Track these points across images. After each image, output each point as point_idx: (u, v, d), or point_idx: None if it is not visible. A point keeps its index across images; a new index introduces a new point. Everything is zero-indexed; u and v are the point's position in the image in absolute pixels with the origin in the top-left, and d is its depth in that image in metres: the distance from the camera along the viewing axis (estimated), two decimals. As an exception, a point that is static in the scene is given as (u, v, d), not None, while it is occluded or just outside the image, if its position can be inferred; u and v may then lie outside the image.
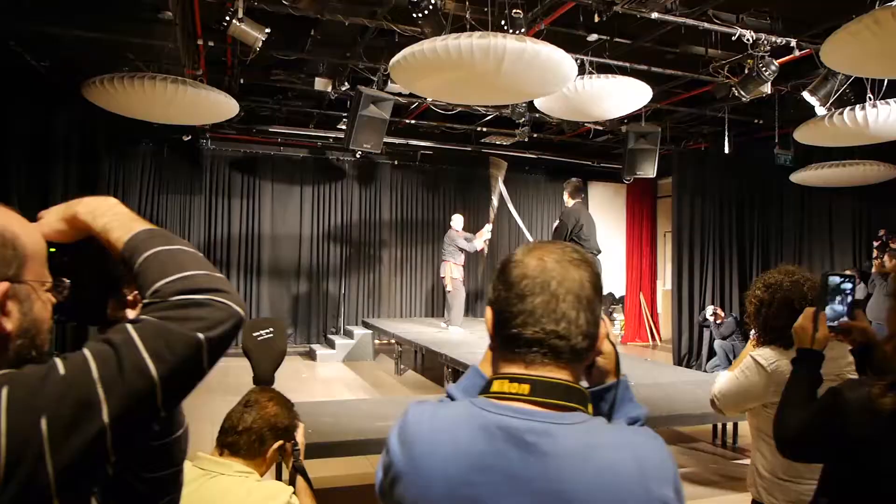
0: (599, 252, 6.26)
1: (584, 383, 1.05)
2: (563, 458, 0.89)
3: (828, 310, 1.71)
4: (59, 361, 0.73)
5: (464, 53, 3.54)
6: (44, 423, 0.68)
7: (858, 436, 1.40)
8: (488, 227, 9.01)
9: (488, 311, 1.03)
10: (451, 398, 1.07)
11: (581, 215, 6.45)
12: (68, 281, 0.90)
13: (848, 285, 1.73)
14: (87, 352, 0.74)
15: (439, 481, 0.92)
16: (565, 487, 0.88)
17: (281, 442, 2.05)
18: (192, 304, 0.79)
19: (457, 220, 9.32)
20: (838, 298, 1.71)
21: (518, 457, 0.90)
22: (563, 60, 3.87)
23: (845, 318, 1.72)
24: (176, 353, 0.76)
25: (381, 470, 1.00)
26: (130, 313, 0.93)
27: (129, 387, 0.72)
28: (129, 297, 0.94)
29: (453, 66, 3.72)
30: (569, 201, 6.63)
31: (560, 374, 0.96)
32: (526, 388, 0.94)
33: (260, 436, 2.00)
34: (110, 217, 0.90)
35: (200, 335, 0.78)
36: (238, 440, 1.96)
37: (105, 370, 0.72)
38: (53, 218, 0.92)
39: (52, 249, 0.89)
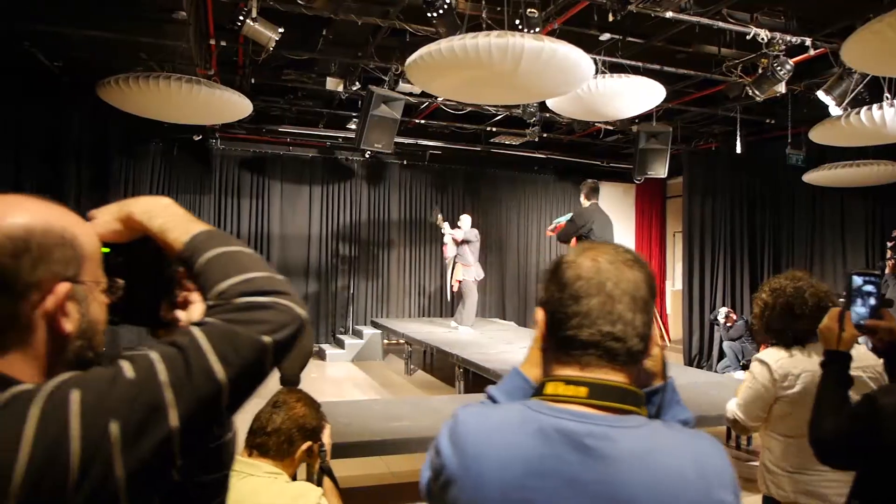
0: None
1: None
2: (623, 461, 0.88)
3: (853, 310, 1.69)
4: (125, 364, 0.72)
5: (482, 53, 3.52)
6: (114, 427, 0.67)
7: (893, 442, 1.39)
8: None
9: (539, 313, 1.02)
10: (493, 400, 1.06)
11: (594, 217, 6.38)
12: (122, 281, 0.89)
13: (872, 285, 1.70)
14: (153, 354, 0.73)
15: (494, 485, 0.90)
16: (625, 491, 0.87)
17: (309, 443, 2.06)
18: (256, 306, 0.79)
19: (465, 221, 9.31)
20: (863, 298, 1.69)
21: (577, 460, 0.89)
22: (580, 60, 3.85)
23: (870, 318, 1.69)
24: (242, 356, 0.75)
25: (430, 471, 0.99)
26: (181, 314, 0.92)
27: (197, 390, 0.71)
28: (179, 299, 0.93)
29: (471, 66, 3.71)
30: (584, 202, 6.57)
31: (616, 377, 0.95)
32: (583, 390, 0.93)
33: (289, 437, 2.01)
34: (167, 217, 0.89)
35: (266, 338, 0.77)
36: (267, 441, 1.97)
37: (173, 373, 0.71)
38: (108, 217, 0.91)
39: (107, 250, 0.88)
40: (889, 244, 7.29)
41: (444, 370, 8.28)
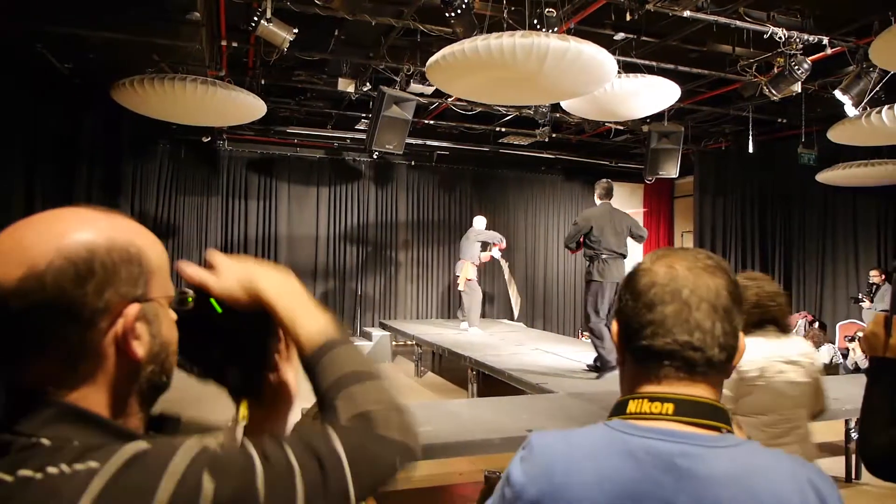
0: (618, 255, 6.00)
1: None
2: (721, 483, 0.83)
3: None
4: (258, 461, 0.67)
5: (506, 53, 3.48)
6: None
7: None
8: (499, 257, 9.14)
9: (615, 324, 0.98)
10: None
11: (594, 219, 6.17)
12: (191, 291, 0.83)
13: None
14: (291, 457, 0.69)
15: None
16: None
17: None
18: (388, 429, 0.79)
19: (479, 222, 9.28)
20: None
21: (670, 482, 0.84)
22: (605, 60, 3.81)
23: None
24: (375, 478, 0.74)
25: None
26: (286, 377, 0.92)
27: None
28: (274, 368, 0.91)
29: (494, 66, 3.66)
30: (596, 201, 6.43)
31: (699, 391, 0.90)
32: (670, 407, 0.88)
33: None
34: (295, 303, 0.85)
35: (398, 464, 0.77)
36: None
37: (310, 486, 0.68)
38: (233, 283, 0.84)
39: (219, 309, 0.84)
40: None
41: (454, 372, 8.24)
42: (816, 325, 8.73)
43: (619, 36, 5.78)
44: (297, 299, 0.86)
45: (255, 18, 4.88)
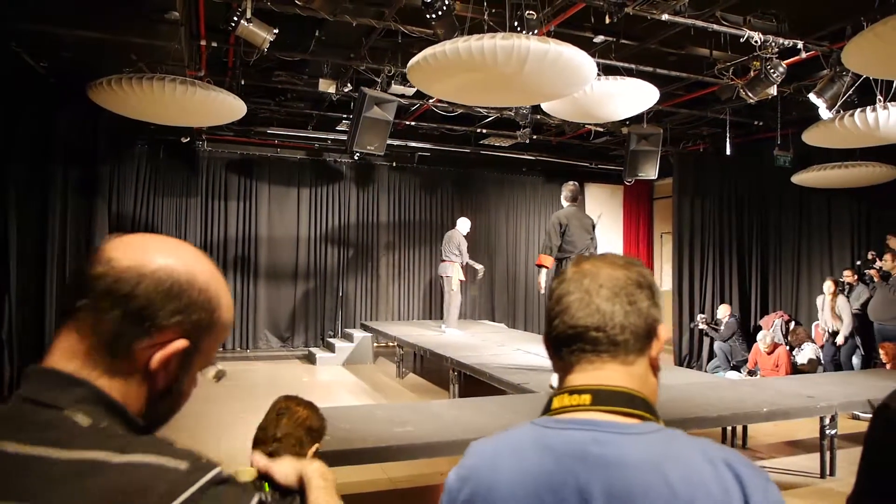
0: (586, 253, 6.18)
1: None
2: (633, 469, 0.85)
3: None
4: None
5: (487, 54, 3.49)
6: None
7: None
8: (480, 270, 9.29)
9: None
10: None
11: (563, 219, 6.33)
12: (225, 371, 0.95)
13: None
14: None
15: None
16: (635, 499, 0.83)
17: (317, 444, 2.12)
18: None
19: (463, 224, 9.29)
20: None
21: (583, 470, 0.86)
22: (584, 62, 3.84)
23: None
24: None
25: None
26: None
27: None
28: None
29: (475, 68, 3.68)
30: (563, 203, 6.57)
31: (613, 376, 0.92)
32: (587, 398, 0.91)
33: (298, 439, 2.09)
34: (325, 495, 1.12)
35: None
36: (279, 447, 2.03)
37: None
38: (292, 470, 1.16)
39: (267, 487, 1.14)
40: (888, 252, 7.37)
41: (436, 373, 8.25)
42: (792, 324, 8.87)
43: (599, 39, 5.82)
44: (327, 492, 1.12)
45: (235, 18, 4.85)
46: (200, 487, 0.69)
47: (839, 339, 7.68)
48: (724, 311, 9.02)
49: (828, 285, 7.83)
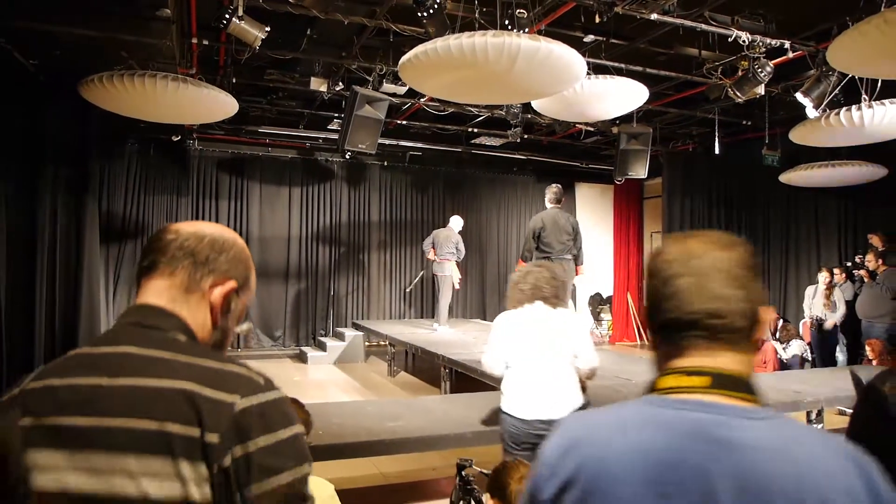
0: (564, 258, 6.38)
1: None
2: (760, 452, 0.84)
3: None
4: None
5: (478, 52, 3.52)
6: None
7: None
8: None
9: (644, 310, 1.02)
10: None
11: (538, 222, 6.57)
12: (252, 324, 1.28)
13: None
14: None
15: (625, 485, 0.87)
16: (767, 484, 0.82)
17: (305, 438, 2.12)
18: None
19: (456, 222, 9.31)
20: None
21: (709, 451, 0.85)
22: (575, 60, 3.88)
23: None
24: None
25: (536, 486, 0.96)
26: None
27: None
28: None
29: (466, 65, 3.70)
30: (546, 205, 6.73)
31: (728, 362, 0.91)
32: (707, 380, 0.90)
33: None
34: None
35: None
36: None
37: None
38: None
39: None
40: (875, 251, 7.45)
41: (427, 371, 8.27)
42: (781, 322, 8.95)
43: (589, 38, 5.86)
44: None
45: (227, 16, 4.85)
46: (273, 398, 0.97)
47: (828, 325, 7.73)
48: None
49: (823, 275, 7.88)
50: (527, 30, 4.46)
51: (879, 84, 5.27)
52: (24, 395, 0.97)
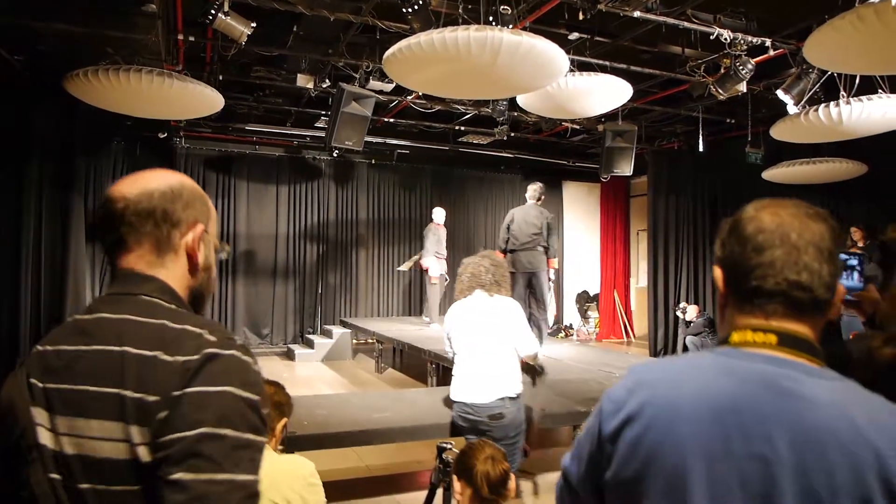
0: (529, 248, 6.63)
1: None
2: (822, 407, 0.88)
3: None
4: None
5: (461, 46, 3.56)
6: None
7: (861, 380, 1.51)
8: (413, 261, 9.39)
9: (717, 270, 1.05)
10: None
11: (510, 216, 6.90)
12: (228, 247, 1.24)
13: (855, 261, 1.80)
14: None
15: (688, 423, 0.92)
16: (822, 435, 0.86)
17: (285, 420, 2.17)
18: None
19: (438, 214, 9.32)
20: (846, 273, 1.79)
21: (773, 399, 0.90)
22: (556, 55, 3.93)
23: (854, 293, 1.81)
24: None
25: (600, 422, 1.02)
26: None
27: None
28: None
29: (450, 59, 3.74)
30: (528, 201, 6.97)
31: (802, 329, 0.96)
32: (773, 338, 0.95)
33: (267, 414, 2.10)
34: None
35: None
36: None
37: None
38: None
39: None
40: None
41: (415, 367, 8.30)
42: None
43: (574, 36, 5.92)
44: None
45: (213, 11, 4.87)
46: (218, 355, 0.96)
47: None
48: (692, 312, 9.18)
49: None
50: (510, 26, 4.51)
51: (858, 80, 5.36)
52: (28, 358, 1.03)
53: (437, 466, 2.67)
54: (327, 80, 7.05)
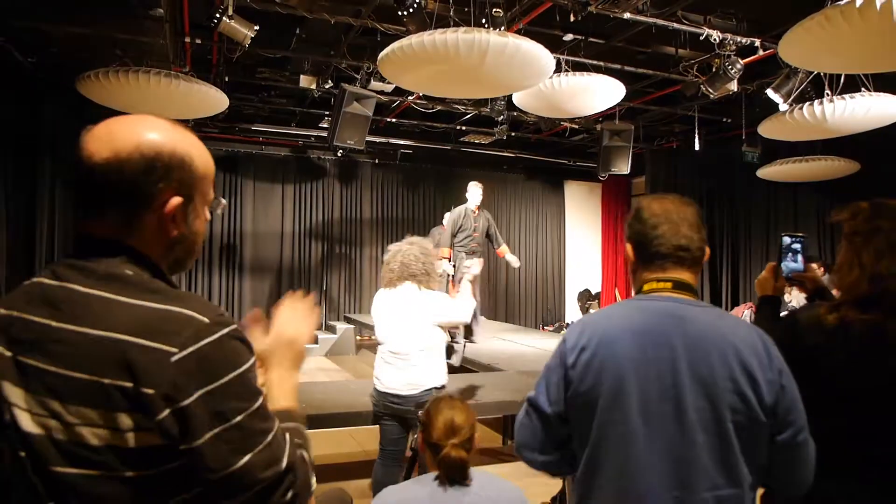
0: (471, 253, 7.13)
1: None
2: (702, 324, 1.40)
3: (784, 264, 2.00)
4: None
5: (450, 47, 3.74)
6: None
7: (810, 343, 1.69)
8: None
9: (628, 245, 1.53)
10: None
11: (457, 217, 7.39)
12: (224, 201, 1.18)
13: (798, 245, 1.99)
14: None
15: (621, 343, 1.39)
16: (702, 340, 1.37)
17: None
18: None
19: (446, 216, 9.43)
20: (791, 255, 1.98)
21: (671, 323, 1.40)
22: (541, 55, 4.10)
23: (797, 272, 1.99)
24: None
25: (564, 355, 1.44)
26: None
27: None
28: None
29: (440, 60, 3.92)
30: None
31: (686, 276, 1.47)
32: (669, 284, 1.46)
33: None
34: (281, 383, 1.18)
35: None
36: None
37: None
38: (261, 343, 1.23)
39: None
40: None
41: (417, 362, 8.45)
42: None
43: (568, 37, 6.09)
44: (287, 386, 1.18)
45: (218, 15, 5.06)
46: (215, 338, 0.93)
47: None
48: None
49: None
50: (503, 28, 4.68)
51: (843, 79, 5.49)
52: None
53: (414, 438, 2.82)
54: (330, 81, 7.24)
